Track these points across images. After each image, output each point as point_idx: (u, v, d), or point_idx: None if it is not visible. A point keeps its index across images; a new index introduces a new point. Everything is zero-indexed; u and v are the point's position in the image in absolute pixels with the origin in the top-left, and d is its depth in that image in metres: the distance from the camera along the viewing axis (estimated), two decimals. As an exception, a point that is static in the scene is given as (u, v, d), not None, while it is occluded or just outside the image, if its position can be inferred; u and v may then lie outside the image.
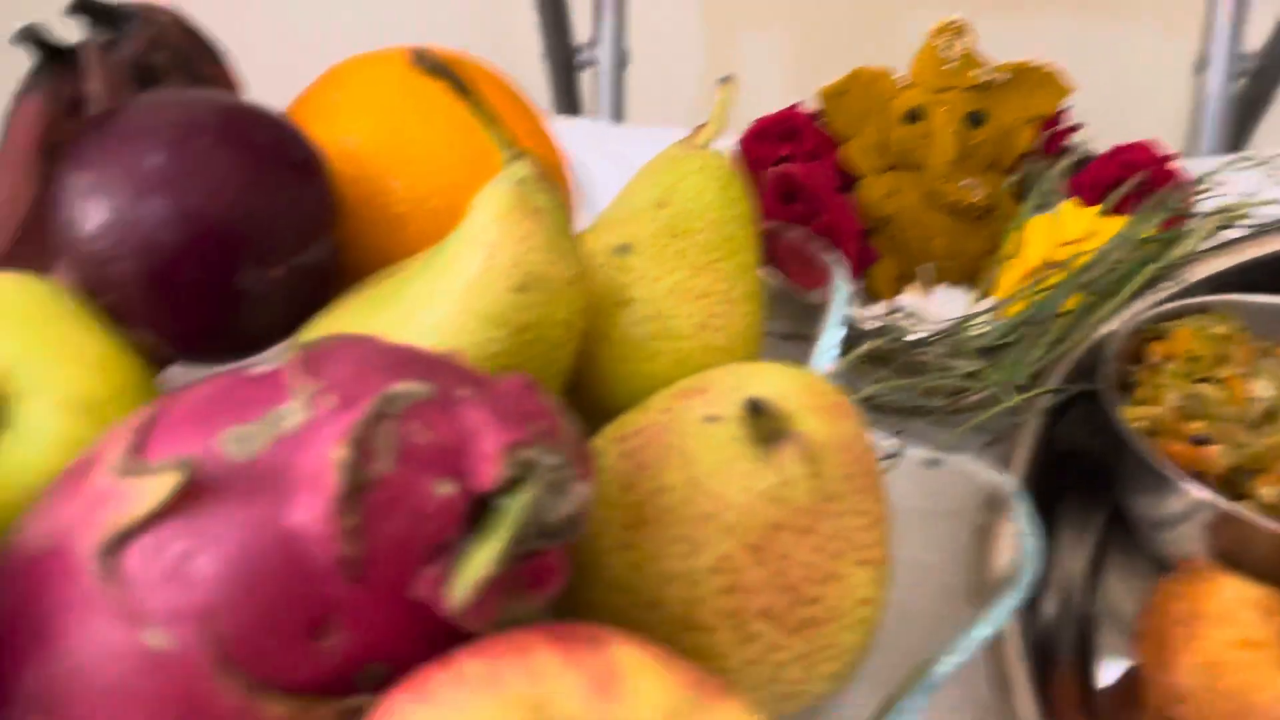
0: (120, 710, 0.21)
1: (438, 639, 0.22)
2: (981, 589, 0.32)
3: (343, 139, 0.41)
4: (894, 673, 0.31)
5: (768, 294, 0.41)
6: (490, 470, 0.22)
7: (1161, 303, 0.48)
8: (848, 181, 0.56)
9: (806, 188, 0.53)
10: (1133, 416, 0.43)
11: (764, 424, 0.28)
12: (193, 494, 0.21)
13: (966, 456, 0.34)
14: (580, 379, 0.36)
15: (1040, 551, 0.31)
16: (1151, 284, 0.50)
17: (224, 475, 0.22)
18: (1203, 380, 0.44)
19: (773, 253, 0.43)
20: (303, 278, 0.36)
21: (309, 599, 0.21)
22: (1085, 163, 0.57)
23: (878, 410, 0.48)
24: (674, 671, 0.22)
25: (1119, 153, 0.56)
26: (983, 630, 0.29)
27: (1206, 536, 0.40)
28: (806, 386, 0.30)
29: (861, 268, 0.55)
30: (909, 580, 0.32)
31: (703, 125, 0.40)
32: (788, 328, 0.44)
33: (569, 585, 0.25)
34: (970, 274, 0.56)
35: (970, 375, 0.46)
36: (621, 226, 0.39)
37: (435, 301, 0.32)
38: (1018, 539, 0.31)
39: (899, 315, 0.53)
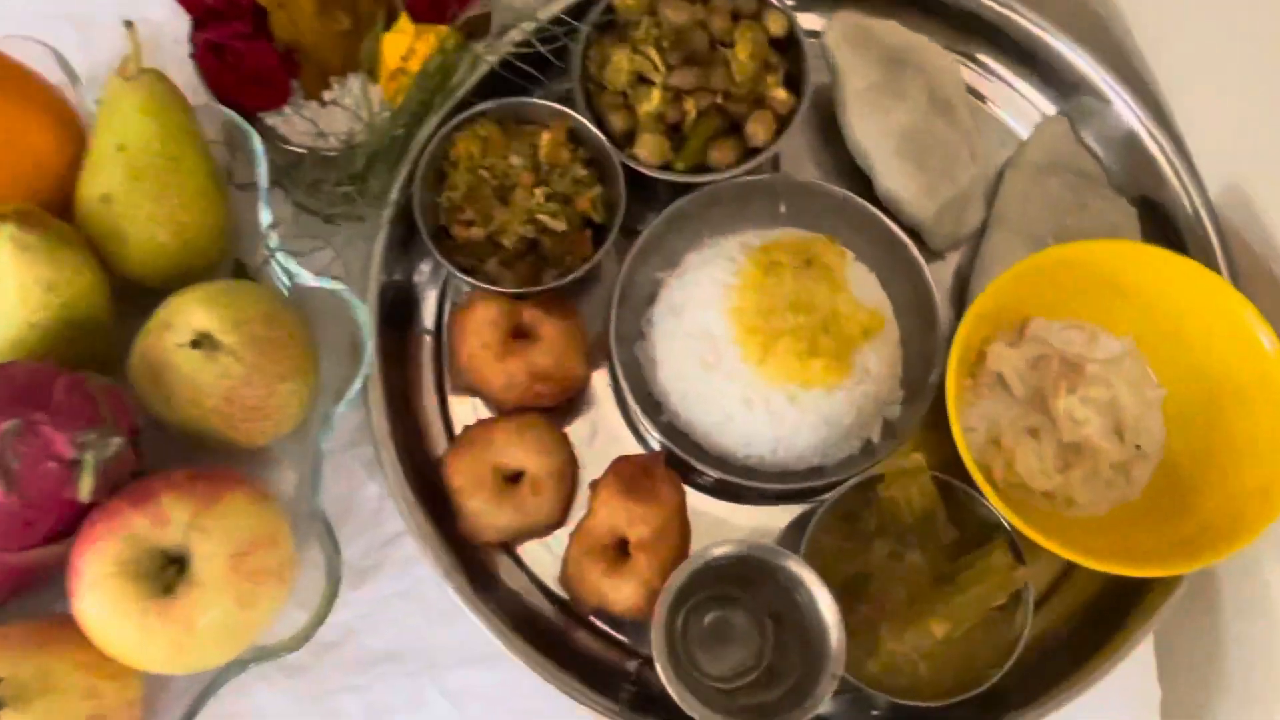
0: None
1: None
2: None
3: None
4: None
5: (222, 161, 0.63)
6: (68, 452, 0.48)
7: (456, 118, 0.71)
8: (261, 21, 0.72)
9: (232, 48, 0.70)
10: (445, 200, 0.68)
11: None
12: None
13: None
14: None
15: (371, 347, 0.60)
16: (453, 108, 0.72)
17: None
18: (481, 168, 0.67)
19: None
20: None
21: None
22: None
23: (305, 210, 0.70)
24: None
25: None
26: (345, 402, 0.58)
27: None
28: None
29: (293, 76, 0.74)
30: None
31: (127, 58, 0.57)
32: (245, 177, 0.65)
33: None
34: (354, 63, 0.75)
35: (355, 191, 0.69)
36: (103, 173, 0.58)
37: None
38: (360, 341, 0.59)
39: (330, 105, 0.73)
